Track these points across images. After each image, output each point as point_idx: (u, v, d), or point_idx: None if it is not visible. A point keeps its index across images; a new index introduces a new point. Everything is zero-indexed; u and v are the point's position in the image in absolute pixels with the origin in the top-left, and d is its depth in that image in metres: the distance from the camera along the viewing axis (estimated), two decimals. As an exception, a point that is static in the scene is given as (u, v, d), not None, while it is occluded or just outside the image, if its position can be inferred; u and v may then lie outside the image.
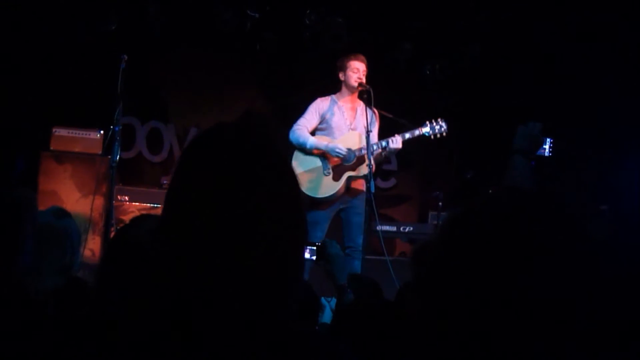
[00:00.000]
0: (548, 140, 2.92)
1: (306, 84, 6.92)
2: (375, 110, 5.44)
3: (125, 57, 4.95)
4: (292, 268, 1.15)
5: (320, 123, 5.54)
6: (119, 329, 1.09)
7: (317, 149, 5.42)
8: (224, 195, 1.10)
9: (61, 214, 2.89)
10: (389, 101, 5.76)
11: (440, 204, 6.50)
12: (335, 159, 5.43)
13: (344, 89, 5.54)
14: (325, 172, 5.41)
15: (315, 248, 3.05)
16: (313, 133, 5.56)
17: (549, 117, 3.42)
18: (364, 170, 5.24)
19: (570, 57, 6.75)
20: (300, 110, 5.63)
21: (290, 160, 5.45)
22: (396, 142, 5.27)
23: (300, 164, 5.44)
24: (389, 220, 6.82)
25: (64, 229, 2.77)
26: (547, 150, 2.95)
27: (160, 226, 1.15)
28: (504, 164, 2.58)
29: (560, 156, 3.12)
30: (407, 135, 5.36)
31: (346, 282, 2.96)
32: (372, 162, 5.19)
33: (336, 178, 5.39)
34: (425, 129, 5.38)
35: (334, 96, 5.59)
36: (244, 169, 1.13)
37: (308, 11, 7.03)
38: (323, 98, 5.59)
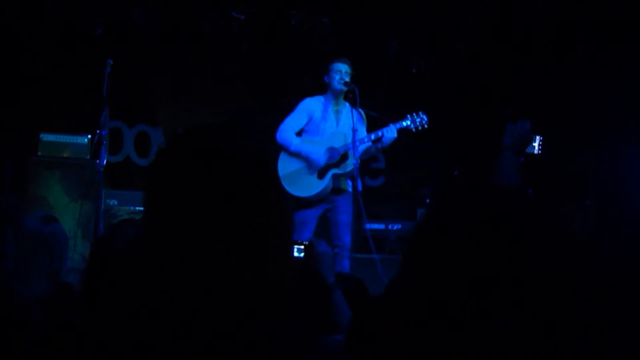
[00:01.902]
0: (537, 137, 2.94)
1: (293, 85, 6.93)
2: (361, 111, 5.48)
3: (111, 61, 4.95)
4: (279, 269, 1.13)
5: (307, 123, 5.57)
6: (106, 336, 1.08)
7: (299, 154, 5.46)
8: (206, 197, 1.08)
9: (48, 219, 2.89)
10: (375, 99, 5.77)
11: (428, 200, 6.52)
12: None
13: (329, 91, 5.58)
14: (310, 171, 5.45)
15: (303, 247, 3.05)
16: (300, 132, 5.59)
17: (538, 114, 3.45)
18: (348, 166, 5.30)
19: (560, 55, 6.78)
20: (287, 111, 5.64)
21: (277, 160, 5.50)
22: (391, 131, 5.33)
23: (287, 165, 5.48)
24: (377, 218, 6.83)
25: (51, 234, 2.77)
26: (536, 148, 2.97)
27: (142, 231, 1.14)
28: (492, 161, 2.60)
29: (549, 153, 3.14)
30: (398, 126, 5.40)
31: (335, 281, 2.96)
32: (358, 160, 5.22)
33: (321, 176, 5.43)
34: (406, 122, 5.43)
35: (321, 97, 5.62)
36: (224, 170, 1.10)
37: (293, 11, 7.04)
38: (311, 98, 5.62)
